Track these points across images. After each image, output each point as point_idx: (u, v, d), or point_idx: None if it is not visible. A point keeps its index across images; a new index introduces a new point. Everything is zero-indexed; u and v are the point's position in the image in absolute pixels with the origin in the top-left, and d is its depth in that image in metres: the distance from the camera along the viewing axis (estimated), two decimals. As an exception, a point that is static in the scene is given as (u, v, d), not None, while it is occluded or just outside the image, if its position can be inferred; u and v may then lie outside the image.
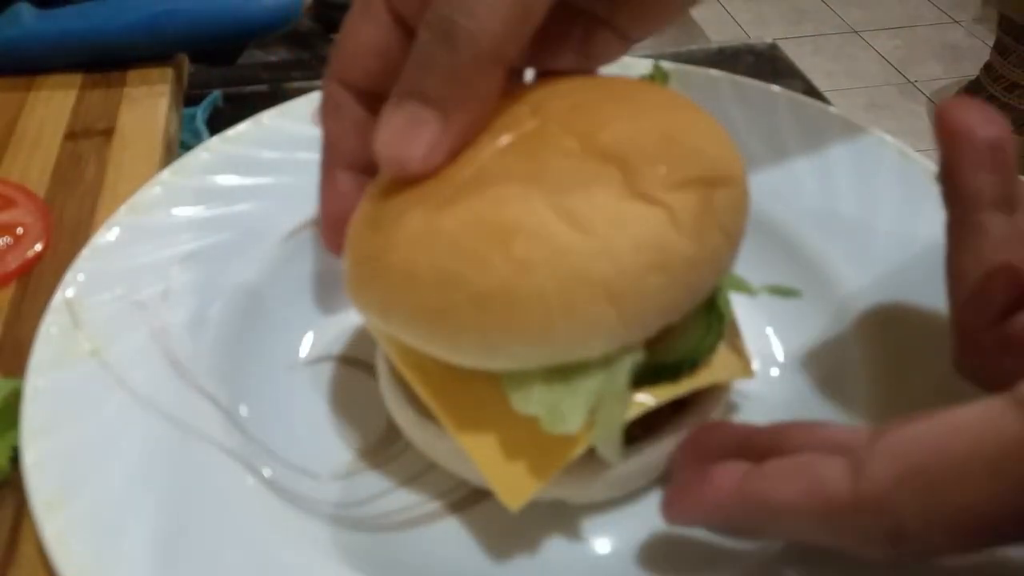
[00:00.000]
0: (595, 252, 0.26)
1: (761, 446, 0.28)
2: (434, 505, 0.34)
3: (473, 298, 0.26)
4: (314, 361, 0.40)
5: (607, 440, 0.29)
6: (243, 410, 0.36)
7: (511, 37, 0.28)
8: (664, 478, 0.34)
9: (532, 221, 0.26)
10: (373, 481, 0.35)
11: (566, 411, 0.27)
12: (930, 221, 0.41)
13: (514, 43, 0.28)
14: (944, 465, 0.22)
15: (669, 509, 0.28)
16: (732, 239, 0.29)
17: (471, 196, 0.28)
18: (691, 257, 0.27)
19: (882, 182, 0.44)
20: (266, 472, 0.34)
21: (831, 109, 0.48)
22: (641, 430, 0.32)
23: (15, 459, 0.32)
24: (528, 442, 0.29)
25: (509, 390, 0.28)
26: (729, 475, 0.26)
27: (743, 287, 0.32)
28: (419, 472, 0.35)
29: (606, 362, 0.28)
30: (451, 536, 0.33)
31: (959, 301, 0.30)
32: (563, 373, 0.28)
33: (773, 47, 0.66)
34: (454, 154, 0.29)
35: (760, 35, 0.66)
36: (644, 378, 0.30)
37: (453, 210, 0.27)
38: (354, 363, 0.40)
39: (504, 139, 0.29)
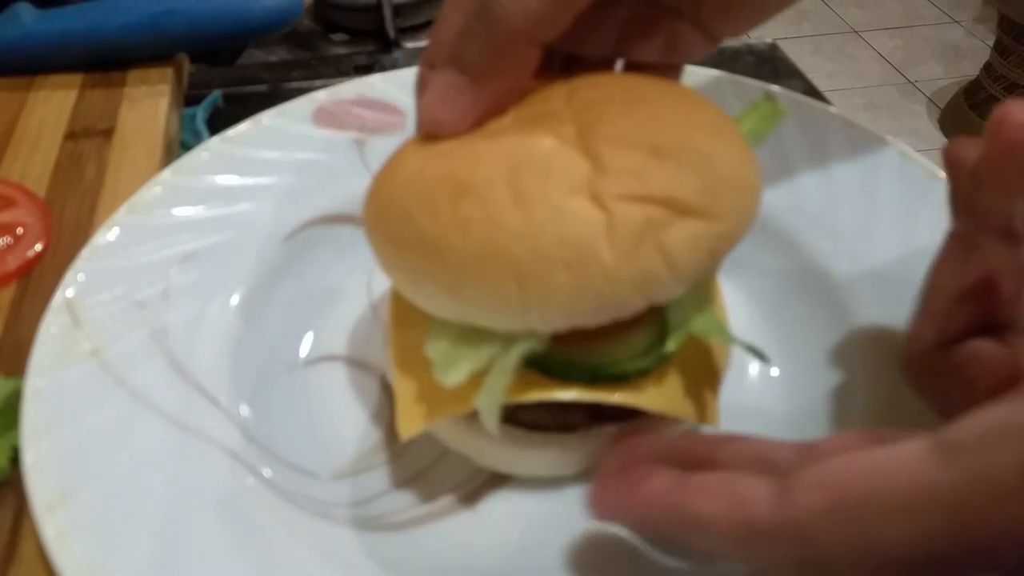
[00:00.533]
0: (519, 232, 0.27)
1: (695, 456, 0.28)
2: (434, 505, 0.34)
3: (418, 239, 0.29)
4: (314, 361, 0.40)
5: (487, 407, 0.29)
6: (243, 410, 0.36)
7: (547, 18, 0.29)
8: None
9: (485, 187, 0.28)
10: (373, 481, 0.35)
11: (454, 366, 0.29)
12: (929, 222, 0.41)
13: (550, 25, 0.29)
14: (866, 502, 0.22)
15: (594, 502, 0.28)
16: (676, 272, 0.27)
17: (459, 154, 0.29)
18: (609, 269, 0.27)
19: (882, 183, 0.44)
20: (266, 472, 0.34)
21: (831, 109, 0.48)
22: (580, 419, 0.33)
23: (15, 459, 0.32)
24: (435, 391, 0.31)
25: (428, 336, 0.30)
26: (657, 480, 0.26)
27: (716, 332, 0.31)
28: (419, 472, 0.35)
29: (508, 339, 0.29)
30: (451, 535, 0.33)
31: (924, 312, 0.30)
32: (471, 337, 0.30)
33: (773, 47, 0.66)
34: (482, 119, 0.31)
35: (760, 35, 0.66)
36: (558, 369, 0.31)
37: (439, 162, 0.29)
38: (354, 363, 0.40)
39: (523, 113, 0.31)
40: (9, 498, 0.32)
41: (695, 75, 0.50)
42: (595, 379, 0.31)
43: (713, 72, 0.50)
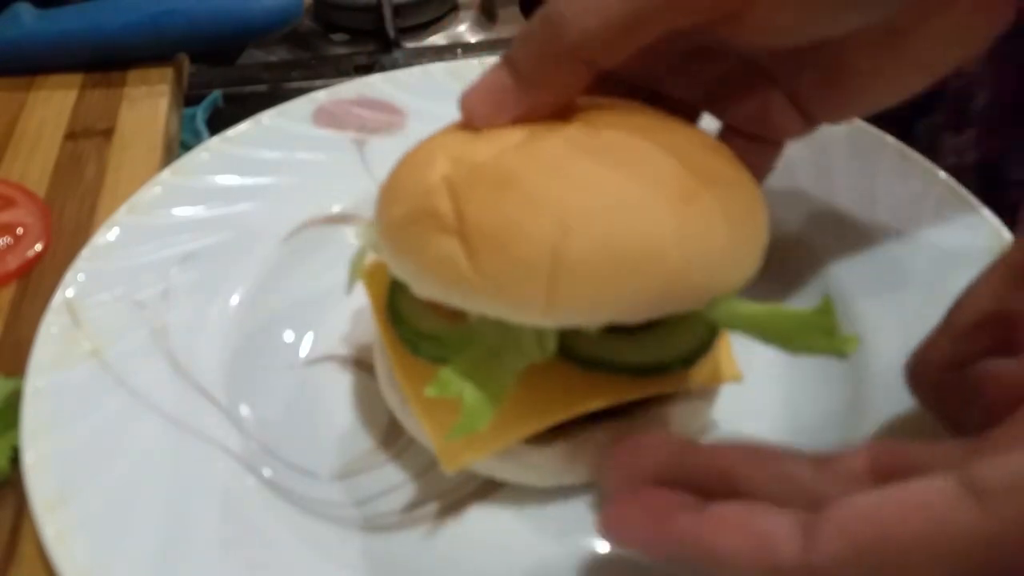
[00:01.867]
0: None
1: (708, 473, 0.27)
2: (434, 505, 0.34)
3: (459, 224, 0.28)
4: (314, 361, 0.40)
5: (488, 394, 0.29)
6: (243, 410, 0.36)
7: (605, 43, 0.29)
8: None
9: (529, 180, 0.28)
10: (374, 481, 0.35)
11: (481, 412, 0.28)
12: (927, 222, 0.41)
13: (607, 50, 0.29)
14: (895, 549, 0.22)
15: (611, 530, 0.27)
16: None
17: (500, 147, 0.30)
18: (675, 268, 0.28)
19: (881, 182, 0.43)
20: (266, 472, 0.34)
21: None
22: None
23: (15, 459, 0.32)
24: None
25: (441, 376, 0.29)
26: (673, 511, 0.25)
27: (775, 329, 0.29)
28: (418, 472, 0.35)
29: (517, 348, 0.30)
30: (450, 536, 0.33)
31: (947, 327, 0.29)
32: (481, 365, 0.30)
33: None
34: (518, 122, 0.31)
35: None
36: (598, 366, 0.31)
37: (473, 152, 0.30)
38: (354, 363, 0.40)
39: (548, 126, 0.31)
40: (9, 498, 0.32)
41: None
42: (639, 374, 0.31)
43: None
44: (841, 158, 0.45)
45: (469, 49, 0.75)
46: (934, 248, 0.40)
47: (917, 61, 0.32)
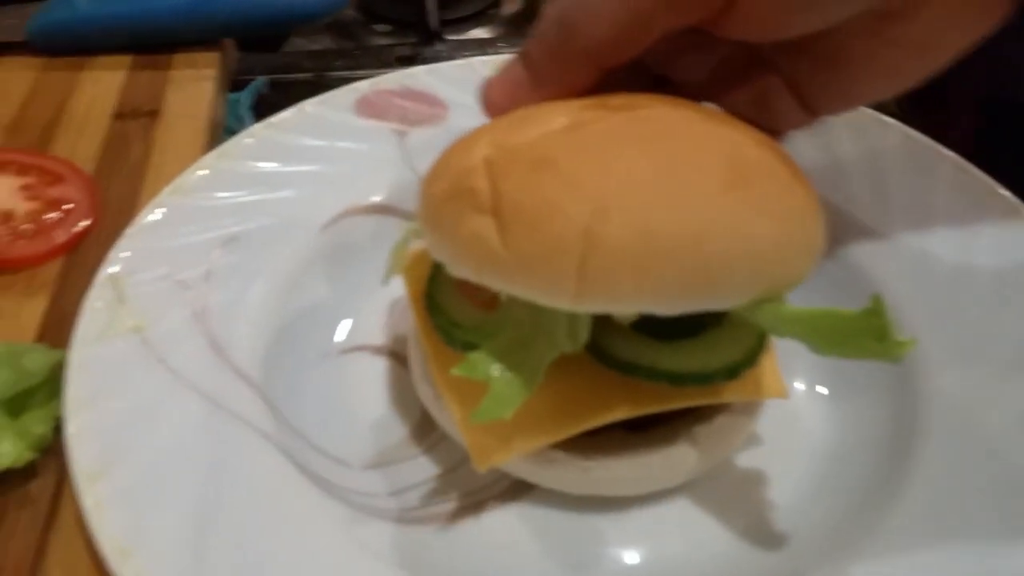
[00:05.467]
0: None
1: None
2: (462, 501, 0.34)
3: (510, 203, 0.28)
4: (349, 349, 0.40)
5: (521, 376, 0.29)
6: (278, 394, 0.36)
7: (612, 46, 0.30)
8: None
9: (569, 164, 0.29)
10: (403, 473, 0.35)
11: (509, 398, 0.28)
12: (985, 235, 0.40)
13: (614, 52, 0.31)
14: None
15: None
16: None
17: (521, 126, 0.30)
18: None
19: (938, 196, 0.42)
20: (298, 457, 0.34)
21: (887, 119, 0.46)
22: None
23: (58, 428, 0.33)
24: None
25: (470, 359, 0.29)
26: None
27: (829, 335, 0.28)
28: (452, 466, 0.36)
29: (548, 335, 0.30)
30: (474, 533, 0.33)
31: None
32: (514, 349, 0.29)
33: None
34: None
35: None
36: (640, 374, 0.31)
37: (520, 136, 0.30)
38: (388, 353, 0.40)
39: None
40: (51, 465, 0.33)
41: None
42: (679, 382, 0.31)
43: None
44: (897, 171, 0.44)
45: (511, 43, 0.75)
46: (993, 265, 0.39)
47: (915, 47, 0.32)
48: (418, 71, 0.51)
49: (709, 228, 0.26)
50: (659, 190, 0.27)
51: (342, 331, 0.41)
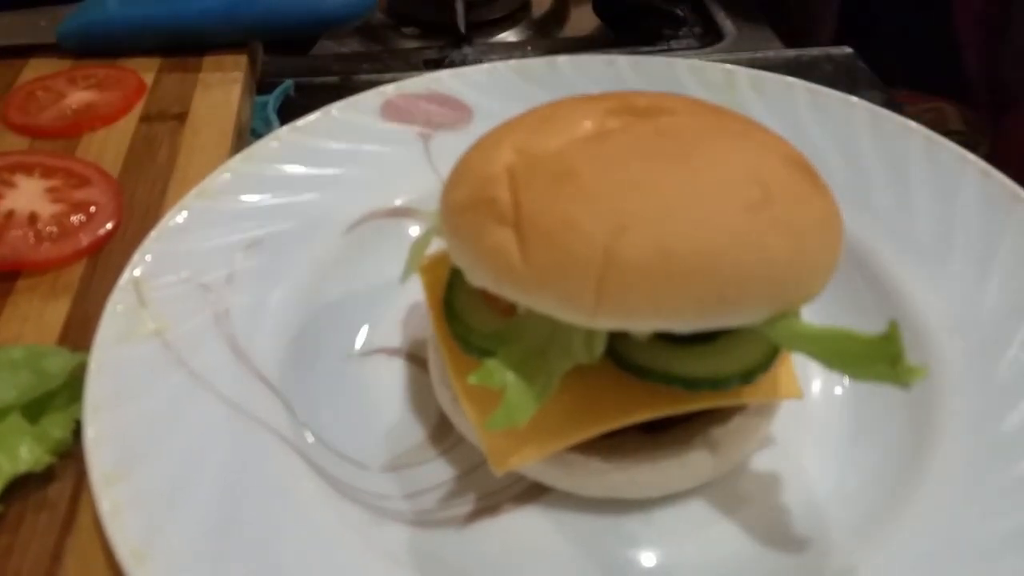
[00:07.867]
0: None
1: None
2: (479, 504, 0.34)
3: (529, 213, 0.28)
4: (368, 353, 0.40)
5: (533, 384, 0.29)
6: (297, 396, 0.36)
7: None
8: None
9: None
10: (420, 476, 0.35)
11: (523, 405, 0.28)
12: (1009, 240, 0.39)
13: None
14: None
15: None
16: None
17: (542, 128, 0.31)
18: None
19: (962, 201, 0.42)
20: (316, 460, 0.34)
21: (911, 123, 0.46)
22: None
23: (77, 431, 0.33)
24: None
25: (486, 367, 0.29)
26: None
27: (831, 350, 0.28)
28: (466, 471, 0.35)
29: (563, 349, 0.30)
30: (492, 536, 0.33)
31: None
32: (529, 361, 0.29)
33: (853, 56, 0.64)
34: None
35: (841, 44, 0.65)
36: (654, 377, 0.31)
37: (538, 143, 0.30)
38: (407, 357, 0.40)
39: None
40: (70, 468, 0.33)
41: (770, 81, 0.49)
42: (695, 386, 0.31)
43: (789, 79, 0.49)
44: (919, 179, 0.43)
45: (540, 46, 0.75)
46: (1013, 269, 0.38)
47: None
48: (443, 75, 0.51)
49: (727, 249, 0.27)
50: (679, 209, 0.27)
51: (362, 334, 0.41)
